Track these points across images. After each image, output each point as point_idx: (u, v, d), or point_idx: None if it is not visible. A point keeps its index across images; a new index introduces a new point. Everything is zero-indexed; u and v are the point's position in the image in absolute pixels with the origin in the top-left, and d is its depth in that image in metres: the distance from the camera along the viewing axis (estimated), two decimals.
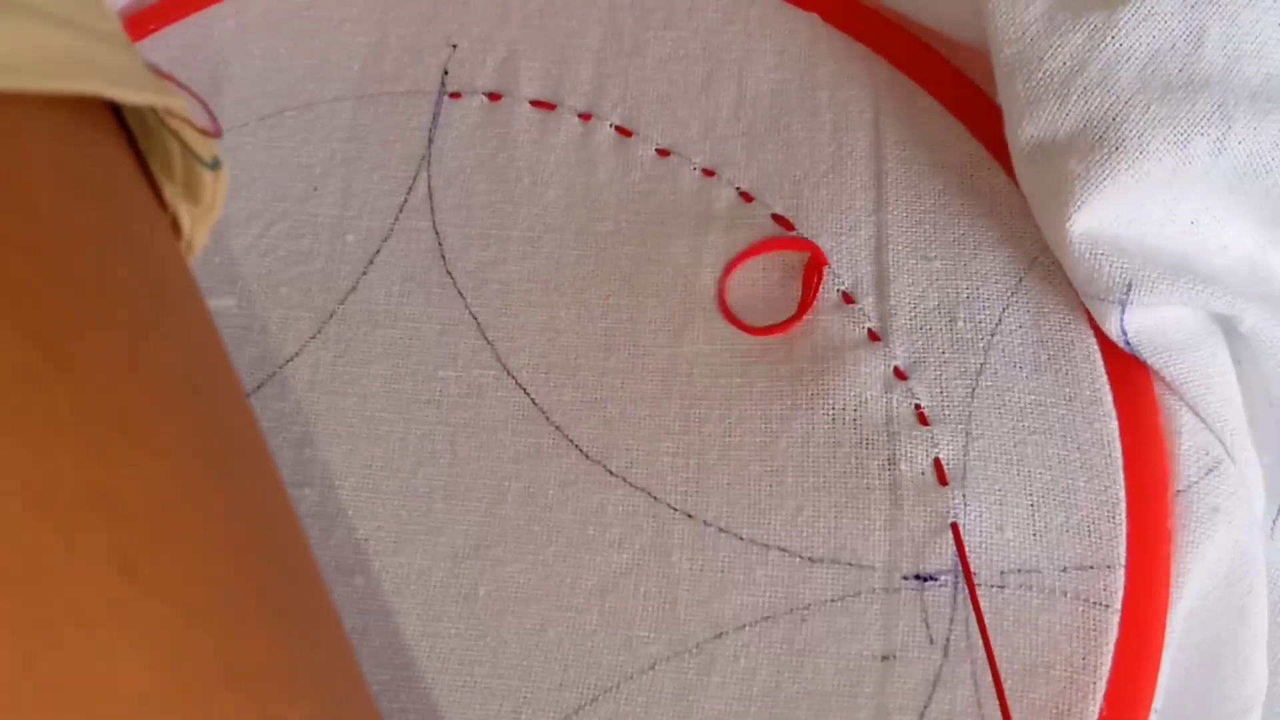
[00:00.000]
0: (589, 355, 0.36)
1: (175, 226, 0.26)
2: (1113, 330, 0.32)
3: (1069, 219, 0.32)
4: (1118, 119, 0.31)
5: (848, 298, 0.35)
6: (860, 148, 0.37)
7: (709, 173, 0.37)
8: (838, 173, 0.36)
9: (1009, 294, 0.34)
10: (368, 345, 0.37)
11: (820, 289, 0.34)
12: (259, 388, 0.37)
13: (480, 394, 0.36)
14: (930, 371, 0.33)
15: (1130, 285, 0.31)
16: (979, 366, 0.33)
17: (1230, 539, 0.31)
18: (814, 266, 0.34)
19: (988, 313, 0.34)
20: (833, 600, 0.31)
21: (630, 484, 0.34)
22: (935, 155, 0.36)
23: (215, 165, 0.25)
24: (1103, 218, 0.32)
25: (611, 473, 0.34)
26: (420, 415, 0.36)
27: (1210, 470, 0.31)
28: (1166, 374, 0.32)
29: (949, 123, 0.36)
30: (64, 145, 0.22)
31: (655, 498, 0.33)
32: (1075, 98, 0.32)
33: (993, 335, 0.33)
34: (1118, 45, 0.31)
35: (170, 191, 0.25)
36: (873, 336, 0.34)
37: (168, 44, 0.43)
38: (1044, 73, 0.32)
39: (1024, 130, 0.33)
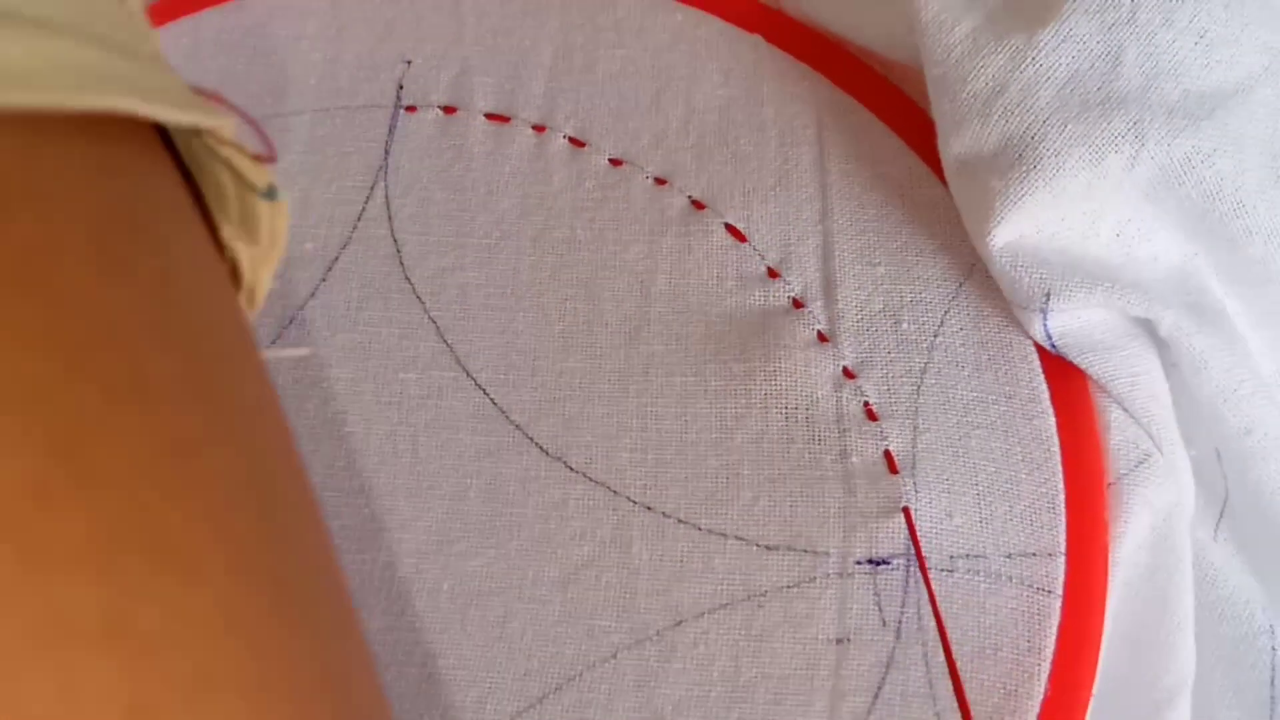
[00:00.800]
0: (547, 357, 0.37)
1: (234, 272, 0.24)
2: (1038, 334, 0.34)
3: (989, 233, 0.33)
4: (1035, 138, 0.33)
5: (797, 303, 0.36)
6: (805, 162, 0.38)
7: (661, 181, 0.39)
8: (784, 185, 0.38)
9: (949, 298, 0.36)
10: (328, 349, 0.38)
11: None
12: None
13: (440, 395, 0.37)
14: (877, 370, 0.35)
15: (1049, 294, 0.33)
16: (923, 366, 0.35)
17: (1148, 525, 0.33)
18: None
19: (930, 315, 0.35)
20: (789, 586, 0.33)
21: (590, 479, 0.35)
22: (876, 169, 0.38)
23: (271, 195, 0.23)
24: (1023, 231, 0.34)
25: (571, 468, 0.35)
26: (382, 415, 0.37)
27: (1140, 462, 0.33)
28: (1093, 372, 0.34)
29: (889, 138, 0.38)
30: (103, 187, 0.19)
31: (615, 491, 0.35)
32: (996, 117, 0.33)
33: (935, 336, 0.35)
34: (1037, 66, 0.33)
35: (228, 233, 0.23)
36: (821, 338, 0.36)
37: None
38: (968, 93, 0.34)
39: (951, 147, 0.34)
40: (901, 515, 0.33)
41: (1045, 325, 0.33)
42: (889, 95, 0.39)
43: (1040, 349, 0.34)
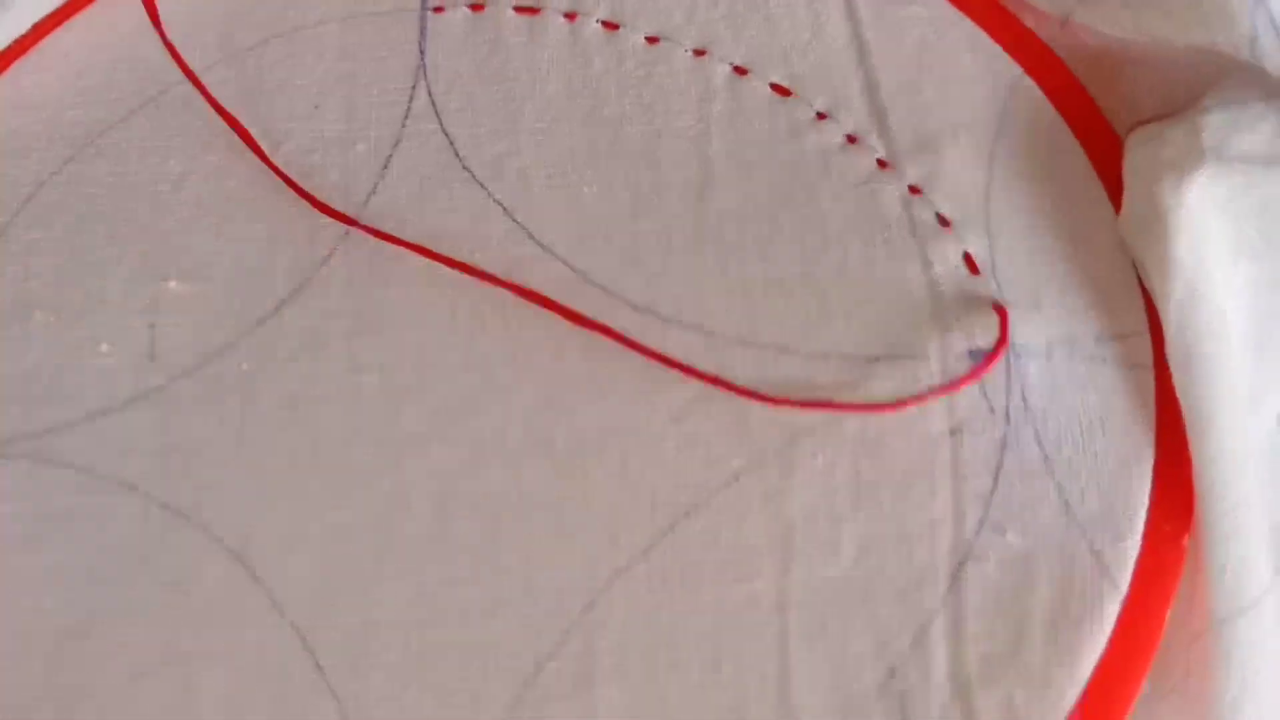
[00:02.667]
0: (619, 223, 0.38)
1: None
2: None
3: None
4: None
5: (851, 138, 0.38)
6: (835, 13, 0.40)
7: (700, 53, 0.40)
8: (819, 38, 0.40)
9: (1000, 115, 0.38)
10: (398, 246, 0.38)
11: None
12: (298, 290, 0.38)
13: (520, 269, 0.38)
14: (943, 185, 0.37)
15: None
16: (987, 179, 0.37)
17: None
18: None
19: (985, 132, 0.37)
20: (896, 390, 0.34)
21: (683, 325, 0.36)
22: (905, 7, 0.40)
23: None
24: None
25: (663, 318, 0.36)
26: (465, 294, 0.38)
27: None
28: None
29: None
30: None
31: (710, 332, 0.36)
32: None
33: (993, 152, 0.37)
34: None
35: None
36: (882, 165, 0.38)
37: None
38: None
39: None
40: (992, 310, 0.34)
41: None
42: None
43: (1092, 157, 0.36)
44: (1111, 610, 0.31)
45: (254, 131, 0.41)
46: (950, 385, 0.34)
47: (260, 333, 0.38)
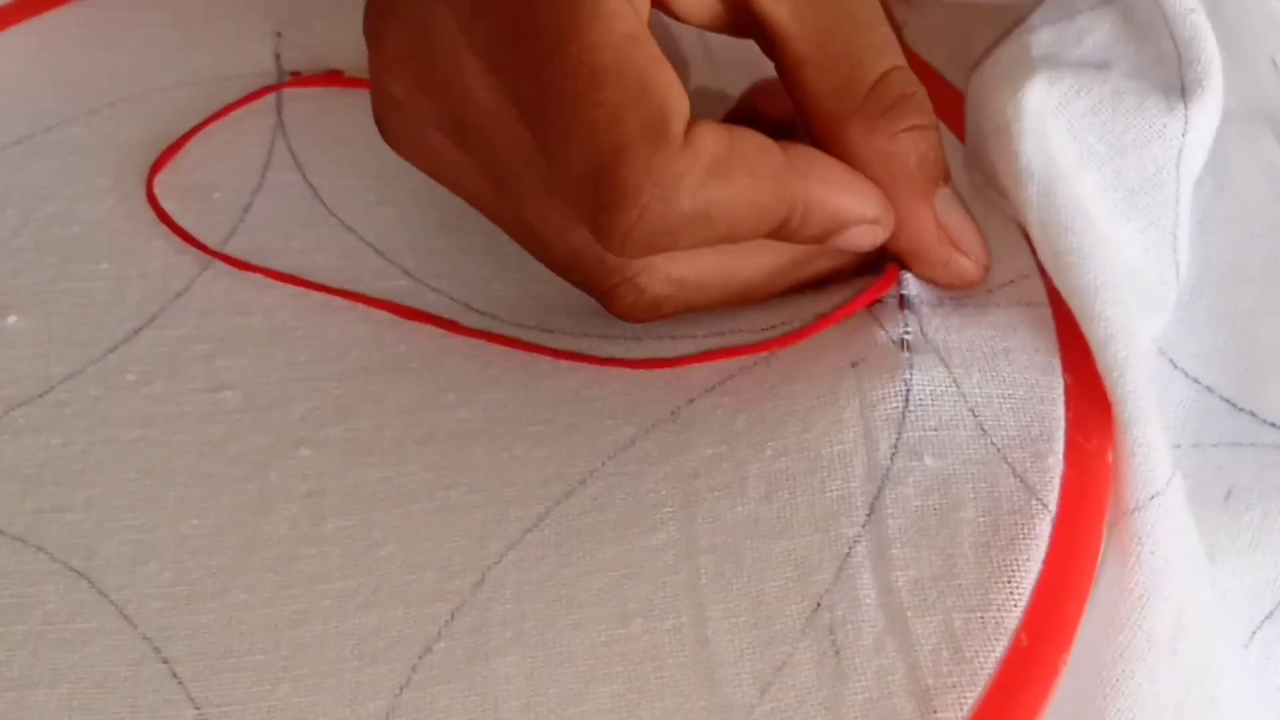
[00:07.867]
0: (509, 266, 0.37)
1: None
2: None
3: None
4: None
5: None
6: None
7: None
8: None
9: None
10: (261, 275, 0.37)
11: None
12: (151, 320, 0.36)
13: (398, 296, 0.36)
14: None
15: None
16: None
17: None
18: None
19: None
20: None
21: (575, 335, 0.35)
22: None
23: None
24: None
25: (552, 332, 0.35)
26: (337, 318, 0.36)
27: None
28: None
29: None
30: None
31: (602, 336, 0.34)
32: None
33: None
34: None
35: None
36: None
37: None
38: None
39: None
40: (885, 270, 0.33)
41: None
42: None
43: (952, 125, 0.36)
44: (1043, 529, 0.29)
45: (105, 184, 0.39)
46: (835, 314, 0.32)
47: (110, 360, 0.35)
